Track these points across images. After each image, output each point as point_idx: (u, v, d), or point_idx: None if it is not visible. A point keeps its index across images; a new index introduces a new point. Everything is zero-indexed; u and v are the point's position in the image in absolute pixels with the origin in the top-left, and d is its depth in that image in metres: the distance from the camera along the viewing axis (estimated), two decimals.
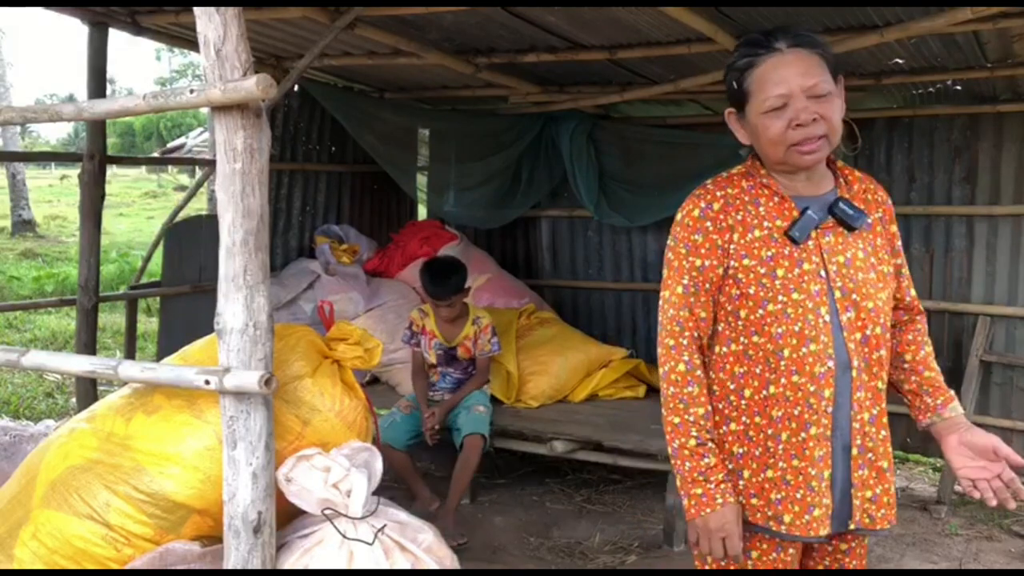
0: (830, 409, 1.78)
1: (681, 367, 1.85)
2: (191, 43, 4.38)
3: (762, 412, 1.80)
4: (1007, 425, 4.72)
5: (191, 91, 2.10)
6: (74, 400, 4.99)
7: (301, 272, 5.07)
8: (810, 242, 1.79)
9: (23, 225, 16.90)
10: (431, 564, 2.22)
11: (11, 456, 2.87)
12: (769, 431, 1.80)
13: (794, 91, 1.73)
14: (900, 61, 4.08)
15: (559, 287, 6.07)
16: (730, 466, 1.85)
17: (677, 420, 1.84)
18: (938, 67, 4.14)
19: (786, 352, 1.76)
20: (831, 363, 1.77)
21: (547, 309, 5.53)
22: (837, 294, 1.78)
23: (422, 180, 5.99)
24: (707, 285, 1.85)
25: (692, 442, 1.80)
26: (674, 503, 4.09)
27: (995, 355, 4.70)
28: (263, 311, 2.16)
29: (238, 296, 2.14)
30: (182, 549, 2.20)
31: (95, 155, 4.06)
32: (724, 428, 1.86)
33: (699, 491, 1.78)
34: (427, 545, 2.24)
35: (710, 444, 1.80)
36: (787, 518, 1.80)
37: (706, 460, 1.78)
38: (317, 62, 4.66)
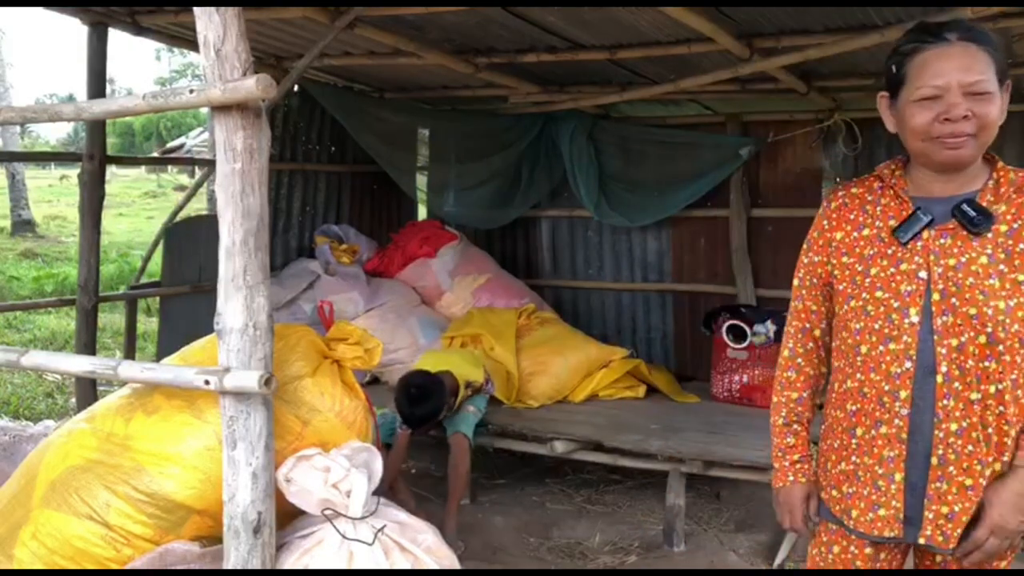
0: (905, 411, 1.77)
1: (786, 352, 1.99)
2: (191, 43, 4.37)
3: (841, 406, 1.87)
4: None
5: (191, 91, 2.10)
6: (74, 400, 4.99)
7: (301, 272, 5.07)
8: (919, 243, 1.78)
9: (23, 225, 16.89)
10: (431, 564, 2.21)
11: (11, 456, 2.87)
12: (845, 425, 1.86)
13: (951, 85, 1.71)
14: None
15: (559, 287, 6.07)
16: (815, 454, 1.97)
17: (775, 400, 1.99)
18: None
19: (863, 349, 1.81)
20: (909, 364, 1.76)
21: (547, 309, 5.53)
22: (936, 296, 1.75)
23: (422, 180, 5.99)
24: (814, 280, 1.94)
25: (780, 421, 1.96)
26: (674, 503, 4.09)
27: None
28: (263, 311, 2.16)
29: (238, 296, 2.14)
30: (182, 549, 2.20)
31: (95, 155, 4.06)
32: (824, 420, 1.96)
33: (777, 465, 1.97)
34: (427, 545, 2.23)
35: (795, 426, 1.95)
36: (854, 513, 1.85)
37: (788, 440, 1.95)
38: (317, 62, 4.65)
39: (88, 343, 4.13)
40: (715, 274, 5.59)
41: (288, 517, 2.35)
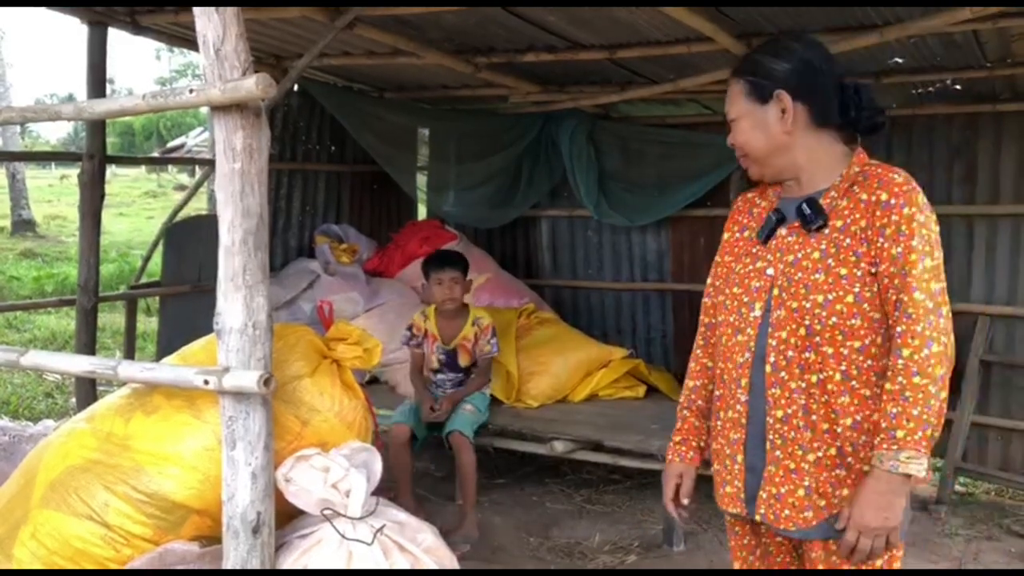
0: (744, 397, 1.92)
1: (694, 346, 2.15)
2: (190, 43, 4.37)
3: (716, 391, 2.04)
4: (1008, 425, 4.72)
5: (191, 91, 2.10)
6: (73, 400, 4.99)
7: (301, 272, 5.07)
8: (774, 242, 1.94)
9: (23, 225, 16.88)
10: (431, 564, 2.22)
11: (10, 456, 2.87)
12: (715, 408, 2.03)
13: (727, 117, 2.01)
14: (899, 60, 4.08)
15: (559, 287, 6.06)
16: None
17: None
18: (937, 66, 4.14)
19: (723, 340, 1.98)
20: (748, 355, 1.91)
21: (547, 309, 5.53)
22: (775, 291, 1.89)
23: (422, 180, 5.99)
24: (717, 281, 2.11)
25: (678, 407, 2.16)
26: None
27: (995, 355, 4.70)
28: (262, 311, 2.16)
29: (237, 296, 2.14)
30: (181, 549, 2.20)
31: (94, 155, 4.06)
32: None
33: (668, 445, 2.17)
34: (427, 545, 2.23)
35: (684, 411, 2.13)
36: (717, 489, 2.03)
37: (677, 423, 2.15)
38: (317, 61, 4.65)
39: (88, 343, 4.13)
40: None
41: (288, 517, 2.35)
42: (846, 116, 1.91)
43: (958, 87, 4.48)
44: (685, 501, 2.11)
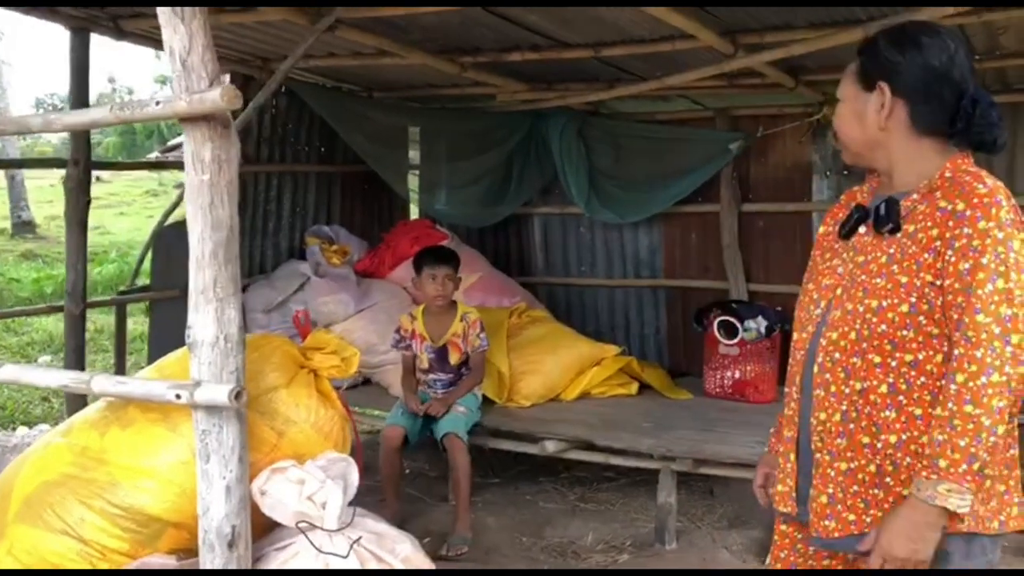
0: (797, 395, 1.89)
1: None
2: None
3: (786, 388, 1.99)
4: None
5: (157, 103, 2.09)
6: None
7: (291, 274, 5.05)
8: (854, 239, 1.86)
9: (23, 226, 16.84)
10: None
11: None
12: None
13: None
14: None
15: (552, 284, 6.05)
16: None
17: None
18: None
19: (795, 335, 1.93)
20: (803, 352, 1.87)
21: (539, 307, 5.51)
22: (839, 291, 1.83)
23: (413, 180, 5.97)
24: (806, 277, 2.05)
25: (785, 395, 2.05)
26: (665, 501, 4.08)
27: None
28: (234, 323, 2.15)
29: (208, 309, 2.13)
30: (158, 563, 2.19)
31: (79, 161, 4.05)
32: None
33: None
34: (404, 556, 2.23)
35: (785, 409, 1.99)
36: (773, 487, 1.98)
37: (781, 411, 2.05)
38: (303, 63, 4.64)
39: (76, 348, 4.13)
40: (707, 269, 5.56)
41: (266, 529, 2.35)
42: (954, 127, 1.77)
43: None
44: (770, 491, 2.05)
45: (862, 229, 1.85)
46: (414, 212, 6.43)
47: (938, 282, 1.69)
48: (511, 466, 5.09)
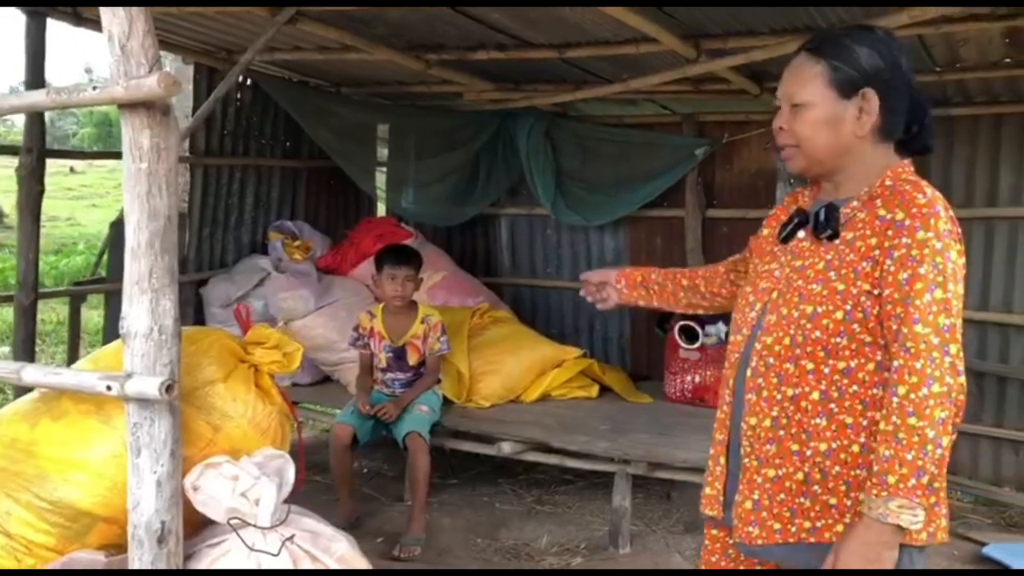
0: (729, 398, 1.88)
1: None
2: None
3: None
4: (972, 431, 4.72)
5: (94, 88, 2.05)
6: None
7: (251, 269, 5.00)
8: (792, 243, 1.85)
9: None
10: None
11: None
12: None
13: (780, 96, 1.84)
14: None
15: (518, 286, 6.03)
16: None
17: None
18: None
19: (731, 337, 1.93)
20: (737, 355, 1.86)
21: (503, 308, 5.49)
22: (775, 295, 1.81)
23: (381, 177, 5.93)
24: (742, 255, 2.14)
25: None
26: (619, 505, 4.07)
27: None
28: (169, 315, 2.11)
29: (143, 299, 2.09)
30: (86, 559, 2.15)
31: (32, 148, 3.97)
32: None
33: None
34: (340, 555, 2.19)
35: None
36: (702, 491, 1.97)
37: None
38: (268, 56, 4.59)
39: (25, 339, 4.05)
40: None
41: (201, 525, 2.31)
42: (907, 132, 1.77)
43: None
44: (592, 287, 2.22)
45: (801, 234, 1.83)
46: (381, 209, 6.39)
47: (875, 291, 1.68)
48: (470, 467, 5.07)
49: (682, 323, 4.83)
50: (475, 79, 4.85)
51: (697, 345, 4.82)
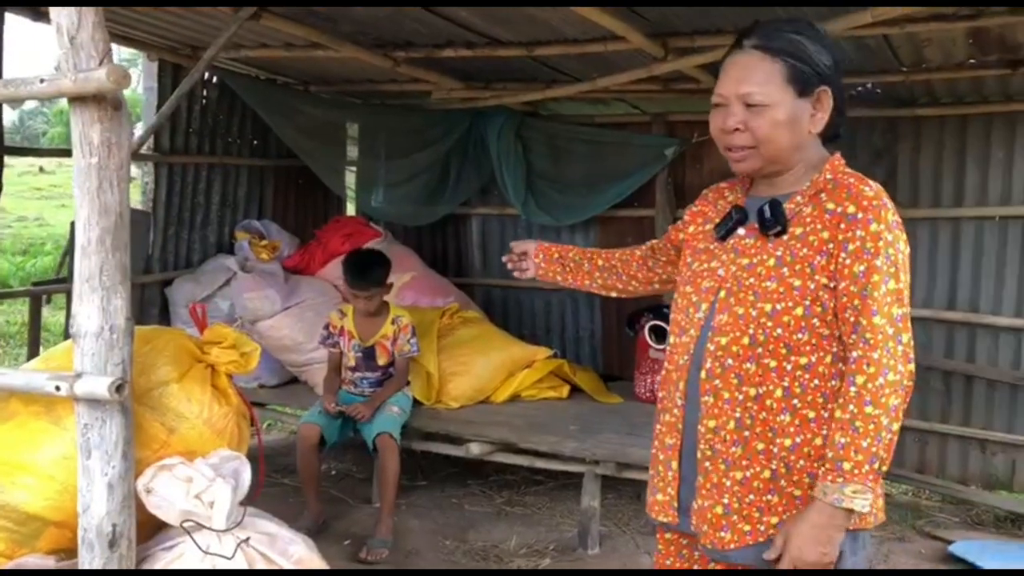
0: (680, 402, 1.83)
1: None
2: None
3: (660, 394, 1.94)
4: (924, 427, 4.77)
5: (41, 80, 2.00)
6: None
7: (217, 269, 4.93)
8: (731, 241, 1.81)
9: None
10: None
11: None
12: (657, 410, 1.93)
13: (729, 95, 1.75)
14: None
15: (489, 286, 6.00)
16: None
17: None
18: (854, 70, 4.13)
19: (671, 339, 1.89)
20: (687, 358, 1.81)
21: (473, 308, 5.45)
22: (722, 294, 1.78)
23: (351, 176, 5.87)
24: (663, 243, 2.17)
25: None
26: (588, 505, 4.06)
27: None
28: (121, 314, 2.06)
29: (93, 298, 2.04)
30: (36, 564, 2.09)
31: None
32: None
33: None
34: (297, 557, 2.15)
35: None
36: (648, 496, 1.94)
37: None
38: (235, 53, 4.53)
39: None
40: None
41: (156, 528, 2.26)
42: (838, 128, 1.79)
43: (879, 91, 4.50)
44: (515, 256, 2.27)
45: (742, 231, 1.81)
46: (351, 209, 6.34)
47: (832, 284, 1.68)
48: (440, 468, 5.03)
49: (652, 323, 4.82)
50: (444, 77, 4.82)
51: (666, 345, 4.80)
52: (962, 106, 4.54)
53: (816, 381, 1.71)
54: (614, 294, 2.25)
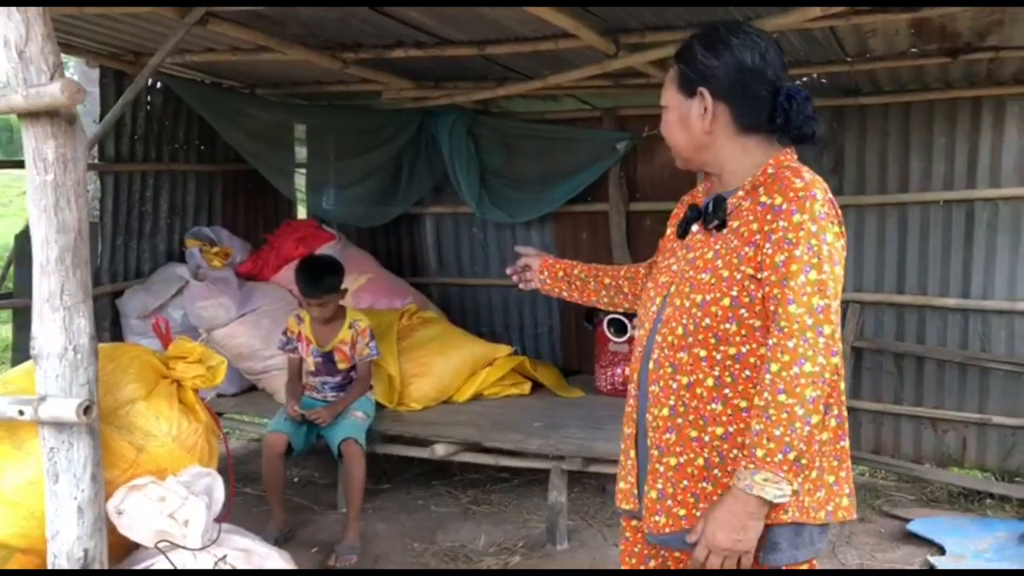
0: (635, 392, 1.91)
1: None
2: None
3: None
4: (879, 409, 4.88)
5: None
6: None
7: (169, 278, 4.84)
8: (688, 238, 1.90)
9: None
10: None
11: None
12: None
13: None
14: None
15: (446, 285, 5.98)
16: None
17: None
18: (801, 61, 4.20)
19: (636, 333, 1.97)
20: (640, 350, 1.89)
21: (431, 308, 5.43)
22: (673, 288, 1.85)
23: (301, 179, 5.80)
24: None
25: None
26: (556, 501, 4.08)
27: (865, 341, 4.84)
28: (84, 333, 2.01)
29: (55, 318, 1.99)
30: None
31: None
32: None
33: None
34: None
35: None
36: (617, 485, 1.99)
37: None
38: (180, 58, 4.43)
39: None
40: None
41: (128, 550, 2.21)
42: (773, 123, 1.81)
43: (824, 81, 4.58)
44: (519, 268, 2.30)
45: (695, 228, 1.89)
46: (302, 212, 6.26)
47: (758, 275, 1.73)
48: (404, 470, 5.01)
49: (610, 316, 4.85)
50: (394, 77, 4.78)
51: (626, 338, 4.85)
52: (904, 94, 4.65)
53: (747, 371, 1.74)
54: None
